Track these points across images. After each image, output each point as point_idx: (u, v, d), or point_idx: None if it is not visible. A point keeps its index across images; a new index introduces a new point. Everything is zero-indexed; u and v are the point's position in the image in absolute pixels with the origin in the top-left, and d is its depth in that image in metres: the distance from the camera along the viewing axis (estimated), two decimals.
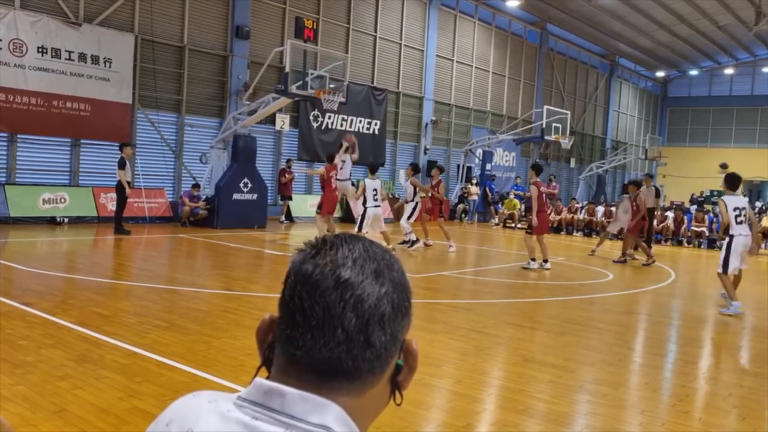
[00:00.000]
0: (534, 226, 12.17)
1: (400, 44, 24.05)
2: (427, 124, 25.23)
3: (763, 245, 18.64)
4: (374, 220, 13.03)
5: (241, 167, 16.79)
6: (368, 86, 22.63)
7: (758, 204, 37.06)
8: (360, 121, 22.31)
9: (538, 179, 12.47)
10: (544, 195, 12.69)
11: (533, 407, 4.83)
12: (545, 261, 12.20)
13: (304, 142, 20.70)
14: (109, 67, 16.03)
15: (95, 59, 15.78)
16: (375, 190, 13.01)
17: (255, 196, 16.99)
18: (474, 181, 25.22)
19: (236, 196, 16.61)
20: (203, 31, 18.09)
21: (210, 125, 18.39)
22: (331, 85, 16.55)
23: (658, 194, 15.69)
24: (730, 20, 31.96)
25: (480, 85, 28.23)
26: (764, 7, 28.98)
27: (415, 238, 14.03)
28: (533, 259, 12.19)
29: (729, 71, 40.73)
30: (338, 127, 21.62)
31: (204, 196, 16.77)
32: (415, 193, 14.43)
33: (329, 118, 21.17)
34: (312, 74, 16.20)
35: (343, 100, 16.11)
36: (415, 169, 14.56)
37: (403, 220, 14.37)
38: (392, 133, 24.13)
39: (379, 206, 13.09)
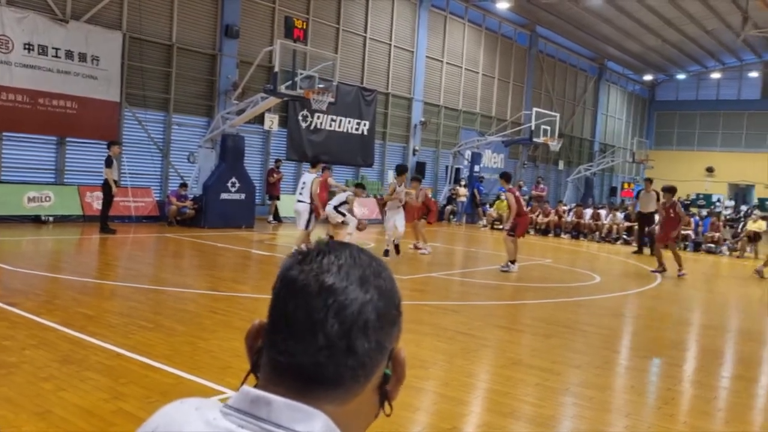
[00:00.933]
0: (513, 228, 12.19)
1: (390, 45, 24.05)
2: (416, 125, 25.24)
3: (748, 249, 18.79)
4: (296, 215, 12.26)
5: (229, 167, 16.72)
6: (358, 87, 22.61)
7: (743, 207, 37.41)
8: (349, 122, 22.29)
9: (511, 185, 12.68)
10: (521, 199, 12.71)
11: (519, 410, 4.83)
12: (512, 262, 12.10)
13: (293, 142, 20.65)
14: (97, 64, 15.91)
15: (83, 57, 15.66)
16: (304, 183, 11.87)
17: (243, 196, 16.93)
18: (462, 183, 25.26)
19: (224, 195, 16.54)
20: (192, 30, 18.00)
21: (198, 124, 18.31)
22: (321, 85, 16.52)
23: (658, 199, 15.37)
24: (718, 25, 32.21)
25: (469, 87, 28.28)
26: (751, 12, 29.21)
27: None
28: (513, 262, 12.09)
29: (716, 76, 41.05)
30: (327, 127, 21.59)
31: (191, 196, 16.69)
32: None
33: (318, 118, 21.13)
34: (301, 74, 16.17)
35: (333, 100, 16.09)
36: (399, 171, 13.49)
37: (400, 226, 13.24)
38: (381, 134, 24.13)
39: (301, 201, 11.75)
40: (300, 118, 20.70)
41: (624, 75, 41.10)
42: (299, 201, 11.79)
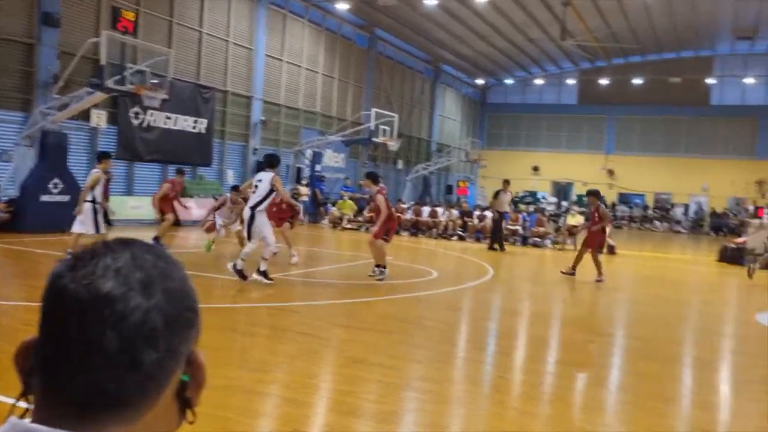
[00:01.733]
0: (387, 231, 11.14)
1: (227, 41, 23.39)
2: (256, 124, 24.78)
3: (568, 242, 20.34)
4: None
5: (50, 166, 15.40)
6: (194, 84, 21.77)
7: (564, 203, 40.63)
8: (185, 120, 21.39)
9: (380, 186, 11.42)
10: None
11: (361, 408, 4.83)
12: (383, 267, 11.10)
13: (125, 141, 19.43)
14: None
15: None
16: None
17: (67, 198, 15.66)
18: (304, 182, 25.17)
19: (44, 197, 15.21)
20: (5, 16, 16.36)
21: (14, 119, 16.66)
22: (153, 81, 15.70)
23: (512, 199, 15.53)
24: (540, 35, 34.71)
25: (310, 87, 28.23)
26: (569, 24, 31.75)
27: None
28: (384, 267, 11.06)
29: (539, 82, 44.19)
30: (162, 125, 20.57)
31: (5, 198, 15.19)
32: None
33: (152, 115, 20.05)
34: (131, 69, 15.28)
35: (166, 97, 15.37)
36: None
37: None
38: (220, 133, 23.41)
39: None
40: (132, 115, 19.53)
41: (458, 78, 43.06)
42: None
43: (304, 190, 24.83)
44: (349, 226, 23.55)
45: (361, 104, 31.23)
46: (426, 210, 23.49)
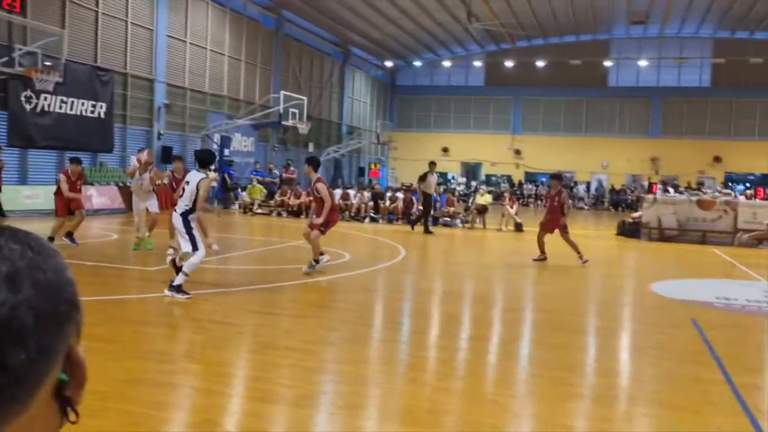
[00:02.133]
0: (322, 223, 10.16)
1: (126, 21, 22.39)
2: (159, 107, 23.92)
3: (477, 220, 20.81)
4: None
5: None
6: (91, 66, 20.74)
7: (474, 183, 41.57)
8: (83, 104, 20.37)
9: (319, 174, 10.50)
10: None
11: (276, 393, 4.77)
12: (318, 261, 10.26)
13: (16, 126, 18.30)
14: None
15: None
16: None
17: None
18: (213, 168, 24.53)
19: None
20: None
21: None
22: (46, 63, 14.85)
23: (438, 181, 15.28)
24: (446, 18, 35.13)
25: (216, 69, 27.48)
26: (474, 7, 32.29)
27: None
28: (322, 254, 10.32)
29: (447, 64, 44.78)
30: (57, 110, 19.49)
31: None
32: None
33: (46, 99, 18.95)
34: (21, 50, 14.38)
35: (60, 80, 14.60)
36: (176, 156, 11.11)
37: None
38: (121, 117, 22.45)
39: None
40: (23, 99, 18.40)
41: (367, 60, 43.02)
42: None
43: (213, 176, 24.22)
44: (260, 211, 23.21)
45: (270, 87, 30.71)
46: (338, 193, 23.43)
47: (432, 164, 19.20)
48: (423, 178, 18.66)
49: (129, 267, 10.34)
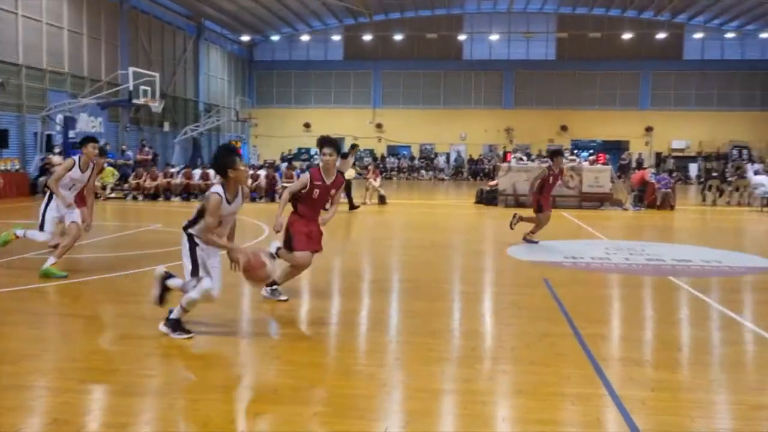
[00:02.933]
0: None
1: None
2: None
3: (342, 196, 20.86)
4: None
5: None
6: None
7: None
8: None
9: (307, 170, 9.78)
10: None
11: (137, 384, 4.54)
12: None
13: None
14: None
15: None
16: None
17: None
18: (57, 151, 22.89)
19: None
20: None
21: None
22: None
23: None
24: None
25: (54, 44, 25.49)
26: None
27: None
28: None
29: (306, 38, 44.30)
30: None
31: None
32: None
33: None
34: None
35: None
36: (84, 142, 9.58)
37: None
38: None
39: None
40: None
41: (222, 35, 41.64)
42: None
43: (57, 159, 22.59)
44: (113, 195, 22.00)
45: (117, 63, 28.99)
46: (197, 173, 22.66)
47: (353, 147, 18.83)
48: (344, 158, 18.66)
49: None
